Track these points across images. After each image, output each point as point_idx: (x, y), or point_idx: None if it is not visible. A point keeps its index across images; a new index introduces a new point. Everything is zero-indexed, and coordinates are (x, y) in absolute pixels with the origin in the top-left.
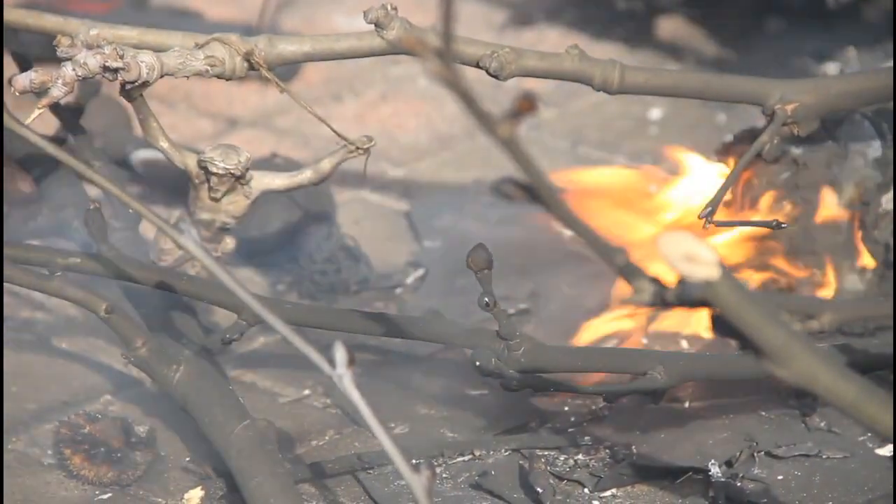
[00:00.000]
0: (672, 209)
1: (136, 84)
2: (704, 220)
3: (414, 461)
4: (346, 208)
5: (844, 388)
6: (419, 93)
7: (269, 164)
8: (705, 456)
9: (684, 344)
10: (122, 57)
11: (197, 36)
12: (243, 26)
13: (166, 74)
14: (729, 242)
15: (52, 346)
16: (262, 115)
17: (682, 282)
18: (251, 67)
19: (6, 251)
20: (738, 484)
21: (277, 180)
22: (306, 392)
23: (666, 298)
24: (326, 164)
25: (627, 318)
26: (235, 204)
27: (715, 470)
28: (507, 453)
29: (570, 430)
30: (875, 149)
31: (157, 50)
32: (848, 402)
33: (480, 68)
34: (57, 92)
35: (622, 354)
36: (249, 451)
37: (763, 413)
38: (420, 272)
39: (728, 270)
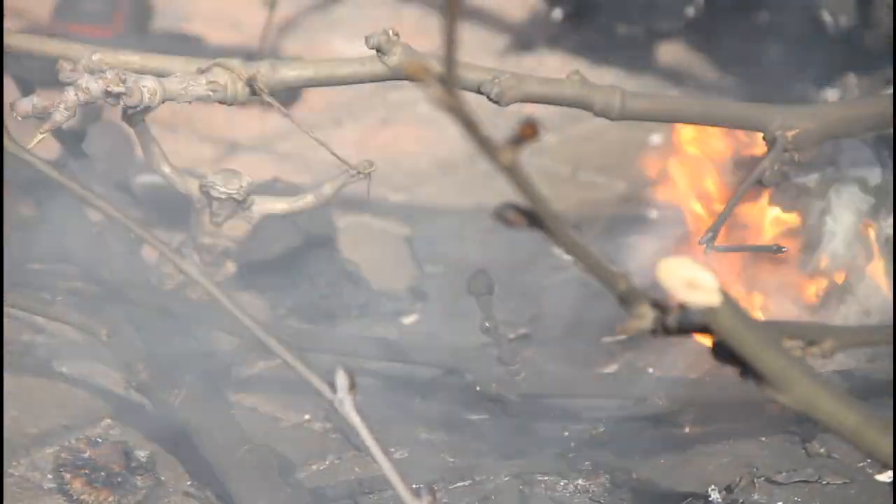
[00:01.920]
0: None
1: (138, 109)
2: (704, 246)
3: (414, 486)
4: (347, 233)
5: (845, 415)
6: (420, 117)
7: (271, 188)
8: (705, 481)
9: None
10: (124, 82)
11: (199, 61)
12: (245, 51)
13: (168, 99)
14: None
15: (53, 370)
16: (263, 140)
17: (683, 308)
18: (253, 92)
19: (7, 275)
20: None
21: (279, 205)
22: (307, 416)
23: (667, 325)
24: (328, 189)
25: None
26: (237, 228)
27: (715, 496)
28: (507, 478)
29: (570, 454)
30: (875, 175)
31: (159, 75)
32: (848, 428)
33: (481, 94)
34: (59, 116)
35: (623, 380)
36: (250, 475)
37: (763, 439)
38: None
39: (729, 296)
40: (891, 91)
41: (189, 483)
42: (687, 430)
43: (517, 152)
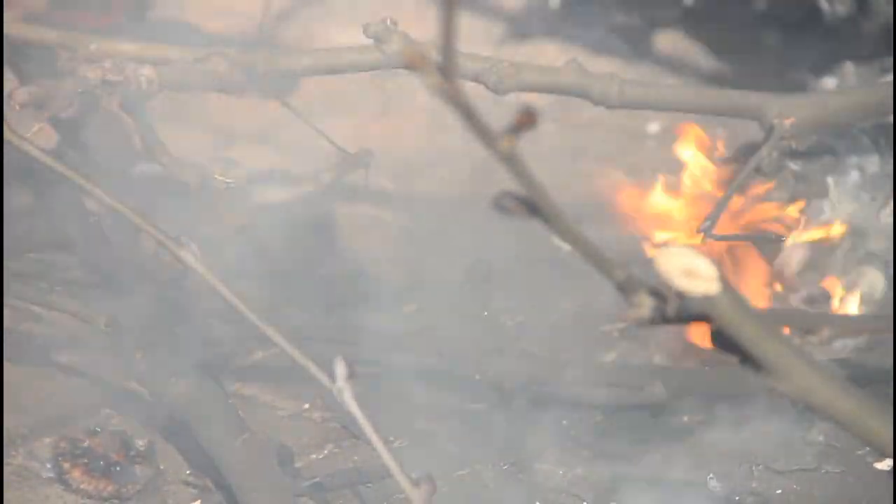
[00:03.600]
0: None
1: (136, 98)
2: (703, 234)
3: (413, 475)
4: (345, 222)
5: (843, 403)
6: (418, 107)
7: (270, 177)
8: (704, 469)
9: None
10: (122, 70)
11: (197, 50)
12: (243, 40)
13: (166, 88)
14: None
15: (52, 360)
16: (261, 129)
17: (682, 296)
18: (251, 81)
19: (6, 264)
20: (737, 498)
21: (277, 194)
22: (305, 406)
23: (666, 313)
24: (326, 178)
25: None
26: (234, 217)
27: (713, 484)
28: (505, 467)
29: (569, 444)
30: (873, 163)
31: (157, 64)
32: (846, 416)
33: (479, 83)
34: (57, 105)
35: (621, 369)
36: (248, 464)
37: (762, 427)
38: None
39: (728, 285)
40: (888, 79)
41: (188, 472)
42: (686, 418)
43: (515, 141)
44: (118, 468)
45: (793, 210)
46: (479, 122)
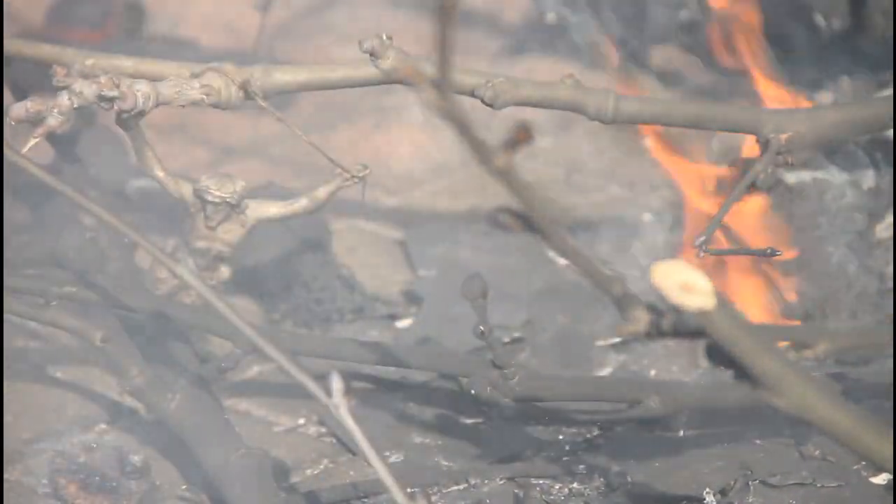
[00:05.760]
0: None
1: (132, 113)
2: (698, 249)
3: (409, 490)
4: (340, 237)
5: (840, 418)
6: (413, 121)
7: (265, 192)
8: (700, 484)
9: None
10: (117, 86)
11: (192, 65)
12: (239, 55)
13: (162, 103)
14: None
15: (48, 376)
16: (256, 144)
17: (678, 311)
18: (247, 96)
19: (2, 280)
20: None
21: (273, 209)
22: (301, 421)
23: (661, 328)
24: (321, 193)
25: None
26: (231, 232)
27: (710, 499)
28: (501, 482)
29: (564, 458)
30: (869, 178)
31: (153, 79)
32: (843, 431)
33: (475, 97)
34: (53, 121)
35: (617, 383)
36: (244, 480)
37: (758, 441)
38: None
39: (723, 299)
40: (884, 94)
41: (184, 488)
42: (682, 433)
43: (512, 157)
44: (114, 484)
45: None
46: (474, 137)
